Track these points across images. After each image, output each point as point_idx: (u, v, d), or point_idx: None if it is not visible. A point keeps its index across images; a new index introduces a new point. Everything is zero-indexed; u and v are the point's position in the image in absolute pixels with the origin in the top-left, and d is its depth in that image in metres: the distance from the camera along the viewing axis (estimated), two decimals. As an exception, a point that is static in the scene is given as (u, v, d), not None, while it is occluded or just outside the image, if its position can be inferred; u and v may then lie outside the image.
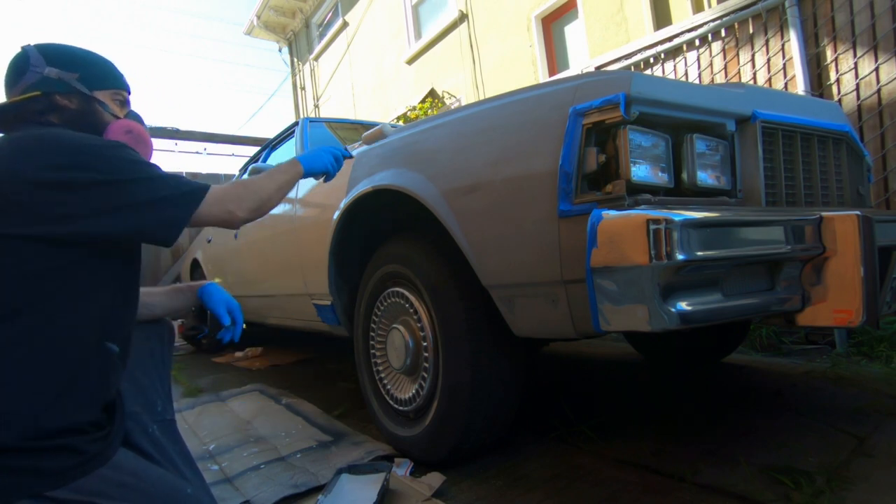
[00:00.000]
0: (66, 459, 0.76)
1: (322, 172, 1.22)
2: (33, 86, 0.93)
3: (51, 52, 0.96)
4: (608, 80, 1.02)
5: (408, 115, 6.04)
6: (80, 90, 0.96)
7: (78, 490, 0.76)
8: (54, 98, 0.94)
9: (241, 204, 0.96)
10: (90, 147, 0.84)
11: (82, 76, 0.97)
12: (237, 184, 0.99)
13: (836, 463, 1.22)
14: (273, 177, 1.06)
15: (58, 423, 0.77)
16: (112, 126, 1.00)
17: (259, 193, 1.00)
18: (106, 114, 1.00)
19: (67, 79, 0.95)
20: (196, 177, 5.79)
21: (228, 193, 0.95)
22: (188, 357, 3.69)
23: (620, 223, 0.86)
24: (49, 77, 0.94)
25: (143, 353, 1.08)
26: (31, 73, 0.93)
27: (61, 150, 0.81)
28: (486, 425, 1.32)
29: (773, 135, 1.22)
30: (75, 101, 0.96)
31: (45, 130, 0.87)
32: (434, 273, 1.34)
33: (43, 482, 0.74)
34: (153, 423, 1.02)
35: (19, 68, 0.94)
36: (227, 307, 1.15)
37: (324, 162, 1.21)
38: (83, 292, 0.84)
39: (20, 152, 0.81)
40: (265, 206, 1.02)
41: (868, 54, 2.36)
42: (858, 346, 2.23)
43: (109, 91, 1.01)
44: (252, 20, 9.65)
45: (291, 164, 1.13)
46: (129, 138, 0.99)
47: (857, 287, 0.95)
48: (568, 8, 5.02)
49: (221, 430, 1.83)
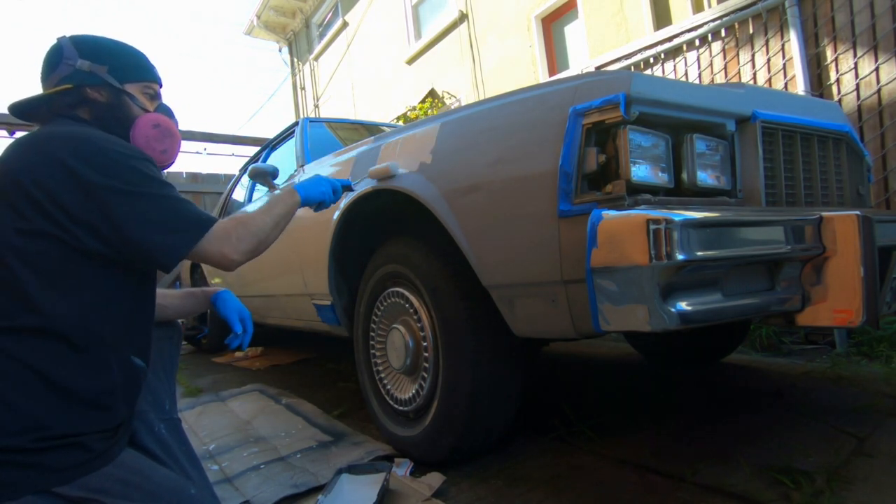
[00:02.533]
0: (74, 457, 0.77)
1: (319, 202, 1.19)
2: (66, 78, 0.93)
3: (83, 44, 0.96)
4: (608, 80, 1.02)
5: (408, 115, 6.04)
6: (109, 83, 0.96)
7: (84, 487, 0.77)
8: (85, 91, 0.95)
9: (239, 246, 0.93)
10: (115, 153, 0.84)
11: (112, 68, 0.97)
12: (238, 223, 0.95)
13: (836, 463, 1.22)
14: (272, 211, 1.02)
15: (73, 426, 0.78)
16: (140, 120, 0.99)
17: (258, 234, 0.97)
18: (135, 107, 1.00)
19: (98, 71, 0.95)
20: (196, 177, 5.78)
21: (229, 234, 0.92)
22: (188, 357, 3.69)
23: (620, 223, 0.86)
24: (81, 69, 0.94)
25: (154, 353, 1.09)
26: (63, 66, 0.94)
27: (88, 149, 0.83)
28: (485, 425, 1.32)
29: (773, 135, 1.22)
30: (105, 94, 0.97)
31: (76, 129, 0.87)
32: (434, 273, 1.34)
33: (50, 478, 0.75)
34: (160, 422, 1.03)
35: (53, 61, 0.95)
36: (239, 315, 1.16)
37: (321, 191, 1.18)
38: (106, 297, 0.85)
39: (54, 143, 0.82)
40: (262, 245, 0.98)
41: (868, 54, 2.36)
42: (858, 346, 2.23)
43: (140, 84, 1.01)
44: (252, 20, 9.64)
45: (289, 195, 1.10)
46: (157, 132, 0.99)
47: (857, 287, 0.95)
48: (568, 8, 5.01)
49: (221, 430, 1.83)
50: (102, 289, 0.84)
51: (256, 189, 3.08)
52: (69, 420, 0.77)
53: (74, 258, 0.81)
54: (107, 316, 0.84)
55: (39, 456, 0.74)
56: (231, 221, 0.94)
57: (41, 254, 0.79)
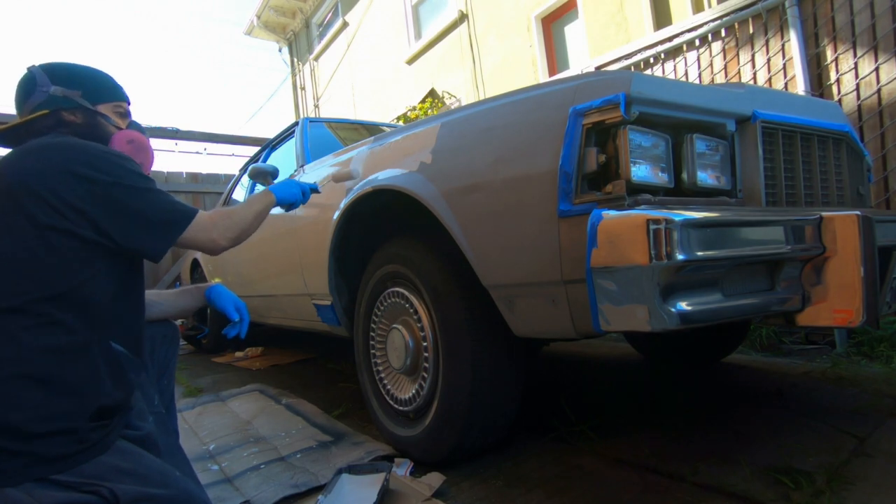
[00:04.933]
0: (70, 446, 0.80)
1: (291, 202, 1.33)
2: (41, 105, 1.00)
3: (54, 72, 1.03)
4: (608, 80, 1.02)
5: (408, 115, 6.04)
6: (83, 105, 1.04)
7: (80, 474, 0.80)
8: (61, 114, 1.02)
9: (224, 233, 1.05)
10: (102, 153, 0.93)
11: (85, 92, 1.04)
12: (221, 213, 1.07)
13: (836, 463, 1.22)
14: (251, 206, 1.15)
15: (64, 412, 0.81)
16: (115, 137, 1.07)
17: (240, 224, 1.09)
18: (109, 125, 1.08)
19: (71, 96, 1.02)
20: (196, 177, 5.78)
21: (214, 222, 1.03)
22: (188, 357, 3.69)
23: (620, 223, 0.86)
24: (55, 95, 1.01)
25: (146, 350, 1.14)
26: (38, 93, 1.01)
27: (81, 152, 0.90)
28: (485, 425, 1.32)
29: (773, 135, 1.22)
30: (80, 116, 1.04)
31: (65, 139, 0.95)
32: (434, 273, 1.34)
33: (48, 467, 0.78)
34: (149, 415, 1.05)
35: (27, 89, 1.02)
36: (234, 305, 1.22)
37: (293, 193, 1.33)
38: (93, 290, 0.89)
39: (51, 151, 0.89)
40: (244, 234, 1.11)
41: (868, 54, 2.36)
42: (858, 346, 2.23)
43: (111, 104, 1.09)
44: (252, 20, 9.65)
45: (265, 195, 1.23)
46: (131, 148, 1.07)
47: (857, 287, 0.95)
48: (568, 8, 5.02)
49: (221, 430, 1.83)
50: (87, 276, 0.89)
51: (256, 189, 3.08)
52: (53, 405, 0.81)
53: (71, 246, 0.87)
54: (92, 301, 0.89)
55: (38, 445, 0.78)
56: (215, 212, 1.06)
57: (48, 247, 0.85)
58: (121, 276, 0.96)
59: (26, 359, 0.80)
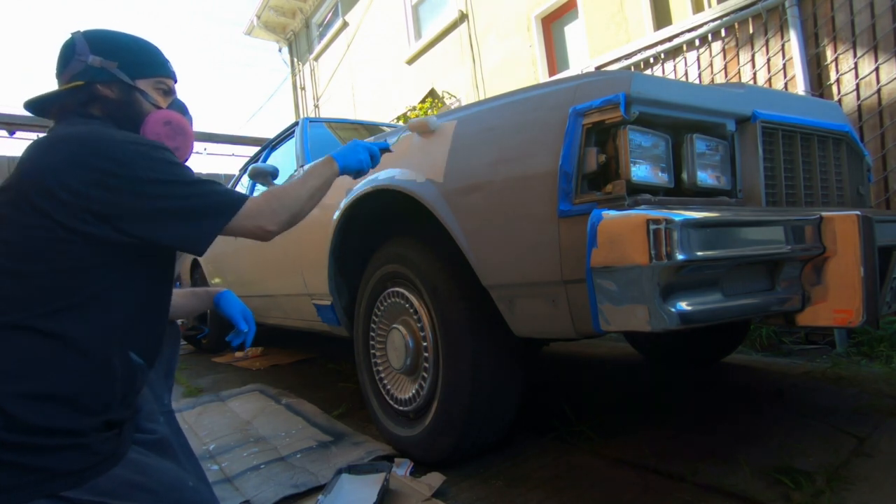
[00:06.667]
0: (81, 460, 0.77)
1: (357, 170, 1.15)
2: (78, 75, 0.92)
3: (95, 40, 0.94)
4: (608, 80, 1.02)
5: (408, 115, 6.03)
6: (121, 79, 0.95)
7: (92, 490, 0.77)
8: (96, 88, 0.93)
9: (274, 218, 0.94)
10: (122, 143, 0.83)
11: (123, 63, 0.95)
12: (271, 197, 0.95)
13: (836, 463, 1.22)
14: (307, 183, 1.02)
15: (77, 427, 0.78)
16: (150, 117, 0.97)
17: (292, 206, 0.97)
18: (146, 103, 0.97)
19: (109, 67, 0.94)
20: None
21: (262, 208, 0.92)
22: (188, 357, 3.69)
23: (620, 223, 0.86)
24: (92, 66, 0.93)
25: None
26: (76, 62, 0.92)
27: (108, 147, 0.82)
28: (486, 425, 1.32)
29: (773, 135, 1.22)
30: (115, 91, 0.95)
31: (91, 128, 0.87)
32: (434, 273, 1.34)
33: (61, 482, 0.74)
34: (160, 415, 1.04)
35: (66, 56, 0.94)
36: (242, 314, 1.19)
37: (359, 158, 1.14)
38: (116, 295, 0.84)
39: (66, 143, 0.82)
40: (297, 216, 0.99)
41: (868, 54, 2.36)
42: (858, 346, 2.23)
43: (152, 79, 0.99)
44: (252, 20, 9.64)
45: (326, 165, 1.08)
46: (167, 130, 0.97)
47: (857, 287, 0.95)
48: (568, 8, 5.01)
49: (221, 430, 1.83)
50: (109, 283, 0.84)
51: (256, 189, 3.08)
52: (66, 418, 0.77)
53: (88, 252, 0.81)
54: (114, 312, 0.84)
55: (47, 458, 0.74)
56: (264, 197, 0.95)
57: (61, 252, 0.79)
58: (147, 283, 0.90)
59: (40, 374, 0.76)
